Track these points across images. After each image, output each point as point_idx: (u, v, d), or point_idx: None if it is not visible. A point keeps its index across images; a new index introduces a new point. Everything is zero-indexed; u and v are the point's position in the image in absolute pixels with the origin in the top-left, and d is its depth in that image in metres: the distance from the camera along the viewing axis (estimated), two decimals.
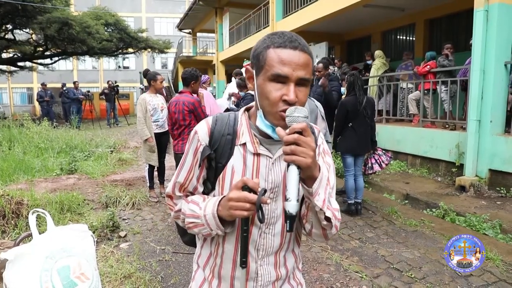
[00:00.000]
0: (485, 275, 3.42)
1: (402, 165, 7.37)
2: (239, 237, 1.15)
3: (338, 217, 1.12)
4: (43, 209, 2.06)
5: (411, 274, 3.47)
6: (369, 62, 9.79)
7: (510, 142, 5.40)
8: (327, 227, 1.11)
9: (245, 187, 1.03)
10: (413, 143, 7.25)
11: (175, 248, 4.03)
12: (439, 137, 6.72)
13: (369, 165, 5.35)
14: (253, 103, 1.22)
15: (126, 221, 4.83)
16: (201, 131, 1.20)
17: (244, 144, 1.16)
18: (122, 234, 4.33)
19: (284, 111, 1.04)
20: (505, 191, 5.49)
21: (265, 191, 1.03)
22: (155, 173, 5.86)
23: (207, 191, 1.24)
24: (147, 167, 5.72)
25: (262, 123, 1.12)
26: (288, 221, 0.98)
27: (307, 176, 1.01)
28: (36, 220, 1.97)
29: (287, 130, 0.97)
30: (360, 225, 4.73)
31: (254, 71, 1.13)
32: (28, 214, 3.08)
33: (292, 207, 0.96)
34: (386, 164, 5.41)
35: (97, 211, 5.05)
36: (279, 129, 1.00)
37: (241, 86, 6.63)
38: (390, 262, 3.73)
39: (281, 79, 1.05)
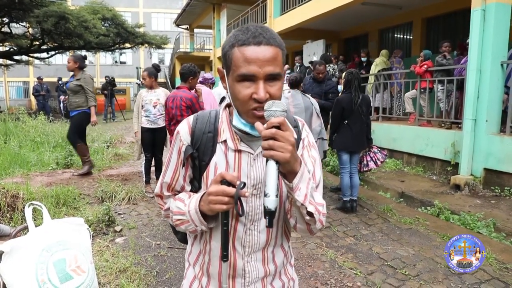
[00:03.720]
0: (479, 273, 3.45)
1: (398, 163, 7.40)
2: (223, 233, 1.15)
3: (322, 212, 1.11)
4: (39, 202, 2.06)
5: (405, 272, 3.49)
6: (363, 59, 9.80)
7: (505, 141, 5.44)
8: (311, 222, 1.10)
9: (224, 181, 1.02)
10: (409, 141, 7.28)
11: (171, 243, 4.04)
12: (435, 135, 6.75)
13: (365, 162, 5.37)
14: None
15: (122, 215, 4.82)
16: (183, 131, 1.20)
17: (225, 141, 1.16)
18: (117, 228, 4.33)
19: (256, 109, 1.03)
20: (499, 190, 5.53)
21: (244, 184, 1.02)
22: (152, 168, 5.87)
23: (194, 190, 1.24)
24: (143, 162, 5.73)
25: (238, 122, 1.12)
26: (267, 217, 0.97)
27: (288, 171, 0.99)
28: (32, 214, 1.98)
29: (265, 125, 0.96)
30: (355, 222, 4.75)
31: (224, 72, 1.12)
32: (23, 207, 3.07)
33: (271, 202, 0.95)
34: (382, 162, 5.43)
35: (93, 206, 5.04)
36: (257, 124, 0.98)
37: None
38: (384, 259, 3.76)
39: (249, 77, 1.02)
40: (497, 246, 4.00)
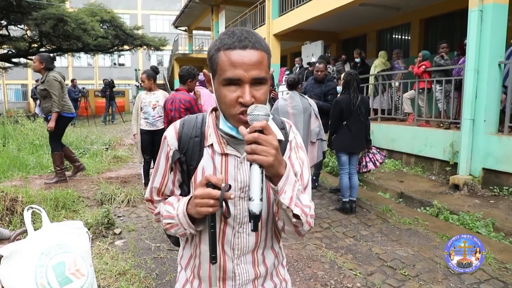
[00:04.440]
0: (478, 272, 3.45)
1: (397, 164, 7.41)
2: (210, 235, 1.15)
3: (309, 213, 1.11)
4: (38, 206, 2.06)
5: (404, 272, 3.49)
6: (357, 60, 9.80)
7: (504, 141, 5.45)
8: (298, 224, 1.10)
9: (209, 184, 1.03)
10: (408, 142, 7.30)
11: (170, 245, 4.03)
12: (434, 136, 6.76)
13: (364, 163, 5.38)
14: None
15: (121, 218, 4.82)
16: (169, 136, 1.21)
17: (212, 145, 1.16)
18: (117, 231, 4.33)
19: (242, 113, 1.04)
20: (498, 190, 5.54)
21: (230, 186, 1.03)
22: (151, 170, 5.86)
23: (184, 194, 1.24)
24: (142, 164, 5.74)
25: (225, 126, 1.12)
26: (252, 221, 0.98)
27: (272, 174, 1.00)
28: (31, 217, 1.97)
29: (248, 129, 0.96)
30: (354, 223, 4.76)
31: (210, 75, 1.13)
32: (22, 211, 3.07)
33: (255, 206, 0.96)
34: (380, 163, 5.44)
35: (92, 208, 5.04)
36: (241, 128, 0.98)
37: None
38: (384, 259, 3.76)
39: (234, 82, 1.03)
40: (496, 246, 4.01)
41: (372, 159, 5.36)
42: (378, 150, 5.52)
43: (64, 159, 6.36)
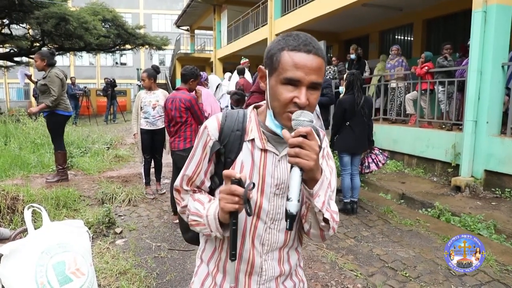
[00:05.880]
0: (479, 274, 3.44)
1: (399, 165, 7.39)
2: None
3: (336, 219, 1.15)
4: (39, 204, 2.06)
5: (405, 273, 3.48)
6: (352, 56, 9.74)
7: (506, 143, 5.43)
8: (325, 228, 1.14)
9: (234, 180, 1.04)
10: (410, 143, 7.28)
11: (171, 245, 4.03)
12: (436, 137, 6.74)
13: (366, 164, 5.36)
14: (262, 102, 1.26)
15: (122, 217, 4.82)
16: (211, 126, 1.22)
17: (253, 140, 1.19)
18: (118, 230, 4.33)
19: (293, 112, 1.06)
20: (500, 192, 5.52)
21: (254, 185, 1.06)
22: (152, 170, 5.86)
23: (214, 186, 1.27)
24: (143, 163, 5.73)
25: (271, 123, 1.15)
26: (288, 220, 1.01)
27: (309, 178, 1.04)
28: (32, 216, 1.97)
29: (293, 133, 1.00)
30: (355, 224, 4.74)
31: (267, 72, 1.15)
32: (23, 209, 3.06)
33: (293, 206, 1.00)
34: (383, 164, 5.43)
35: (93, 207, 5.04)
36: (284, 131, 1.03)
37: (239, 101, 6.15)
38: (385, 261, 3.75)
39: (293, 82, 1.07)
40: (497, 248, 3.99)
41: (375, 160, 5.34)
42: (380, 151, 5.51)
43: (66, 158, 6.36)
